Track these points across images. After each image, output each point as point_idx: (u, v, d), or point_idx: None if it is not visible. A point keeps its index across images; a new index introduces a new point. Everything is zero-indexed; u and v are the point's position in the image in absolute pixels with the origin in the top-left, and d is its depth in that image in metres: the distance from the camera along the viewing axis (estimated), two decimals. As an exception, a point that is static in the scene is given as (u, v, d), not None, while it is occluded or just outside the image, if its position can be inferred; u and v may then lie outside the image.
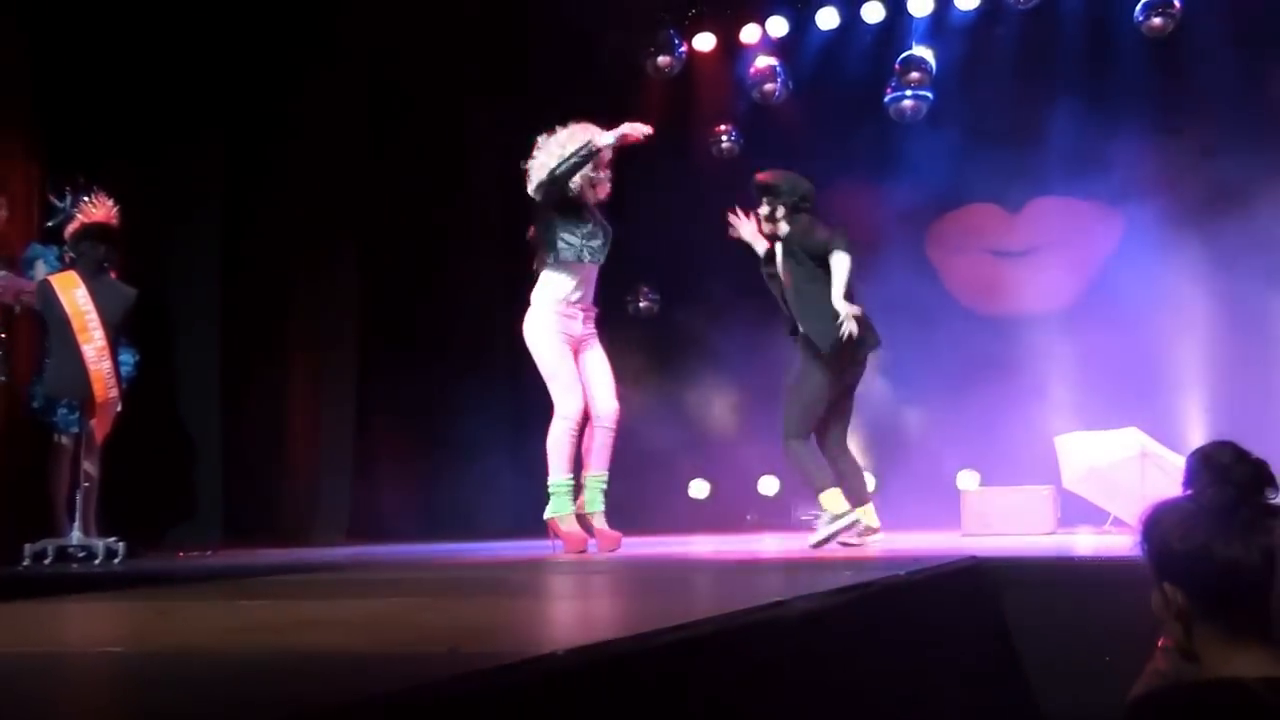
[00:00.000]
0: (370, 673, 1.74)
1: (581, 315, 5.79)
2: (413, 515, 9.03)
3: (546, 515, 5.71)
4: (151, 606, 3.34)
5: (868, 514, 5.73)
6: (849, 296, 5.55)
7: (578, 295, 5.74)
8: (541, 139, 5.81)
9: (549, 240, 5.68)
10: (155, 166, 7.93)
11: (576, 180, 5.69)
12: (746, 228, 6.01)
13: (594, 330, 5.88)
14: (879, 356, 6.32)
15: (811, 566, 4.66)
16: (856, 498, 5.70)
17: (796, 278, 5.78)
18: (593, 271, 5.81)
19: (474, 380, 9.67)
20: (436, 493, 9.29)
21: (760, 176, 5.98)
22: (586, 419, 5.73)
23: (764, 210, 5.91)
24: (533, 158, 5.80)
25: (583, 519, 5.73)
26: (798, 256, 5.75)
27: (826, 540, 5.53)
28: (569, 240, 5.66)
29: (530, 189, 5.77)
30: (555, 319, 5.70)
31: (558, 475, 5.67)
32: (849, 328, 5.51)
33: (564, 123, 5.87)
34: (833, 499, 5.60)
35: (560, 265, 5.70)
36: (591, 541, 5.68)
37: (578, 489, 5.74)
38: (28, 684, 1.75)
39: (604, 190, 5.86)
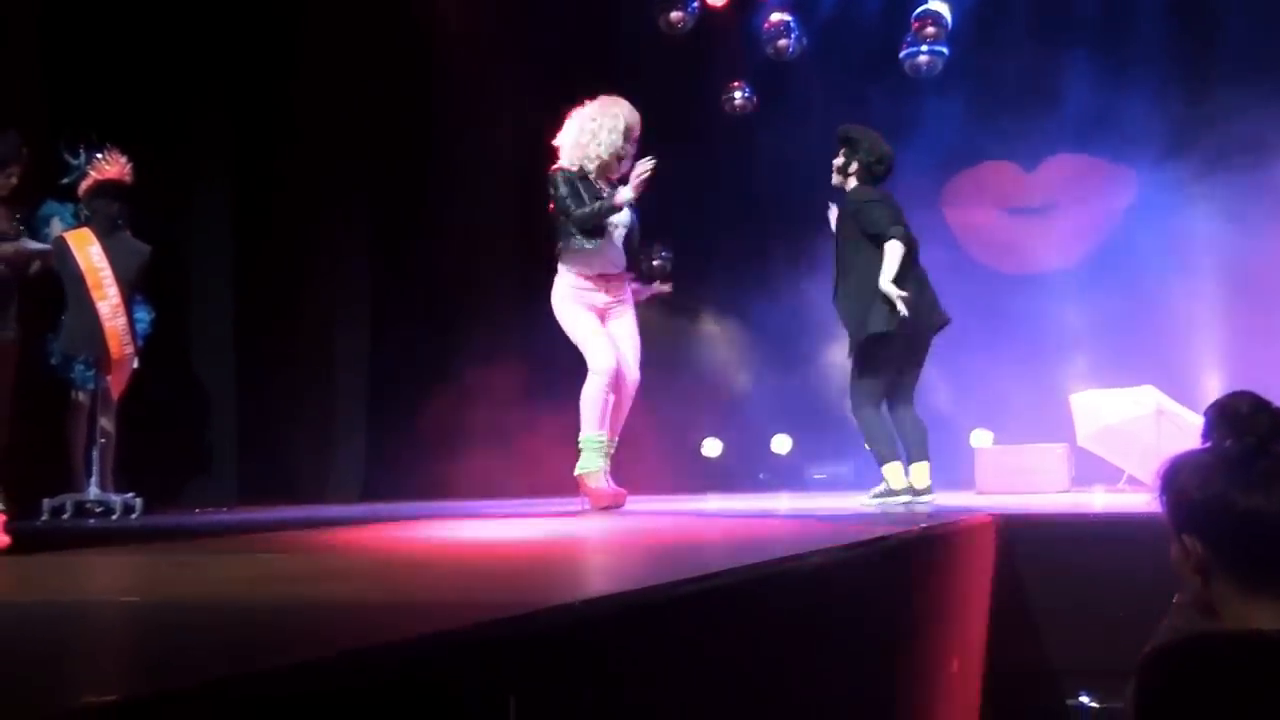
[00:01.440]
0: (387, 621, 1.75)
1: (605, 286, 5.77)
2: (427, 474, 9.06)
3: (577, 471, 5.63)
4: (169, 559, 3.36)
5: (920, 472, 5.69)
6: (897, 281, 5.55)
7: (594, 270, 5.72)
8: (573, 114, 5.79)
9: (560, 226, 5.68)
10: (169, 122, 7.91)
11: (605, 154, 5.68)
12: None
13: (625, 298, 5.84)
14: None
15: (825, 523, 4.67)
16: (913, 454, 5.69)
17: (845, 247, 5.79)
18: (613, 246, 5.77)
19: (489, 340, 9.68)
20: (451, 451, 9.31)
21: (844, 127, 6.00)
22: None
23: (838, 161, 5.94)
24: (561, 133, 5.78)
25: None
26: (852, 222, 5.73)
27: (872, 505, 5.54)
28: (570, 233, 5.65)
29: (560, 161, 5.74)
30: (574, 292, 5.71)
31: (590, 430, 5.58)
32: (902, 310, 5.51)
33: (591, 95, 5.82)
34: (894, 472, 5.62)
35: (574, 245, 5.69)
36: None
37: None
38: (49, 631, 1.77)
39: (624, 166, 5.83)
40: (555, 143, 5.79)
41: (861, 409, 5.74)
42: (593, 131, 5.70)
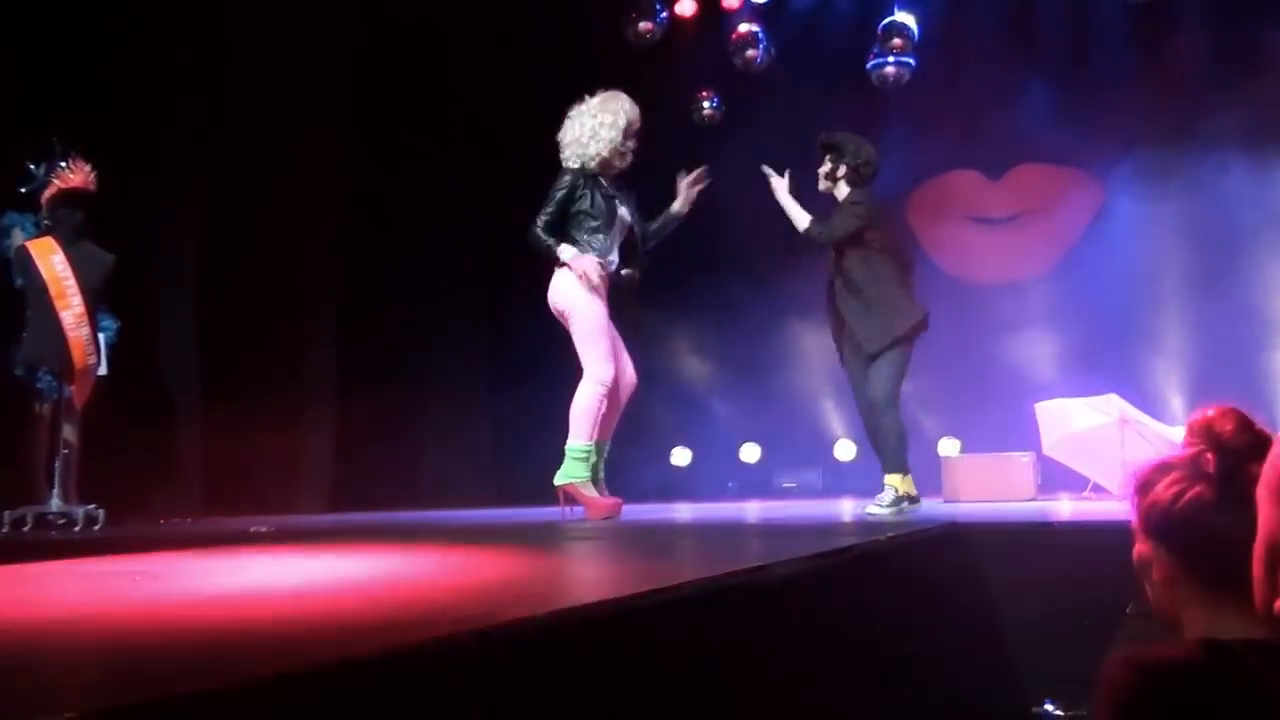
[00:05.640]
0: (350, 635, 1.74)
1: (606, 284, 5.73)
2: (396, 483, 9.02)
3: (560, 480, 5.53)
4: (131, 571, 3.33)
5: (906, 483, 5.70)
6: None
7: (608, 261, 5.67)
8: (573, 110, 5.77)
9: (569, 222, 5.64)
10: (133, 130, 7.85)
11: (605, 151, 5.65)
12: (782, 187, 5.87)
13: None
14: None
15: (791, 532, 4.68)
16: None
17: (846, 259, 5.76)
18: (614, 244, 5.76)
19: (458, 346, 9.65)
20: (420, 460, 9.28)
21: (826, 134, 5.98)
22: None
23: (825, 168, 5.91)
24: (562, 130, 5.75)
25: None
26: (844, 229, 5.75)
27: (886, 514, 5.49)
28: (575, 236, 5.63)
29: (563, 158, 5.72)
30: (590, 287, 5.58)
31: (580, 440, 5.51)
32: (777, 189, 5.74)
33: (591, 93, 5.81)
34: (902, 481, 5.59)
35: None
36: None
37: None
38: (4, 647, 1.75)
39: (625, 162, 5.82)
40: (557, 138, 5.76)
41: (890, 411, 5.67)
42: (593, 129, 5.67)
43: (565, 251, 5.55)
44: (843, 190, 5.88)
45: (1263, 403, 8.13)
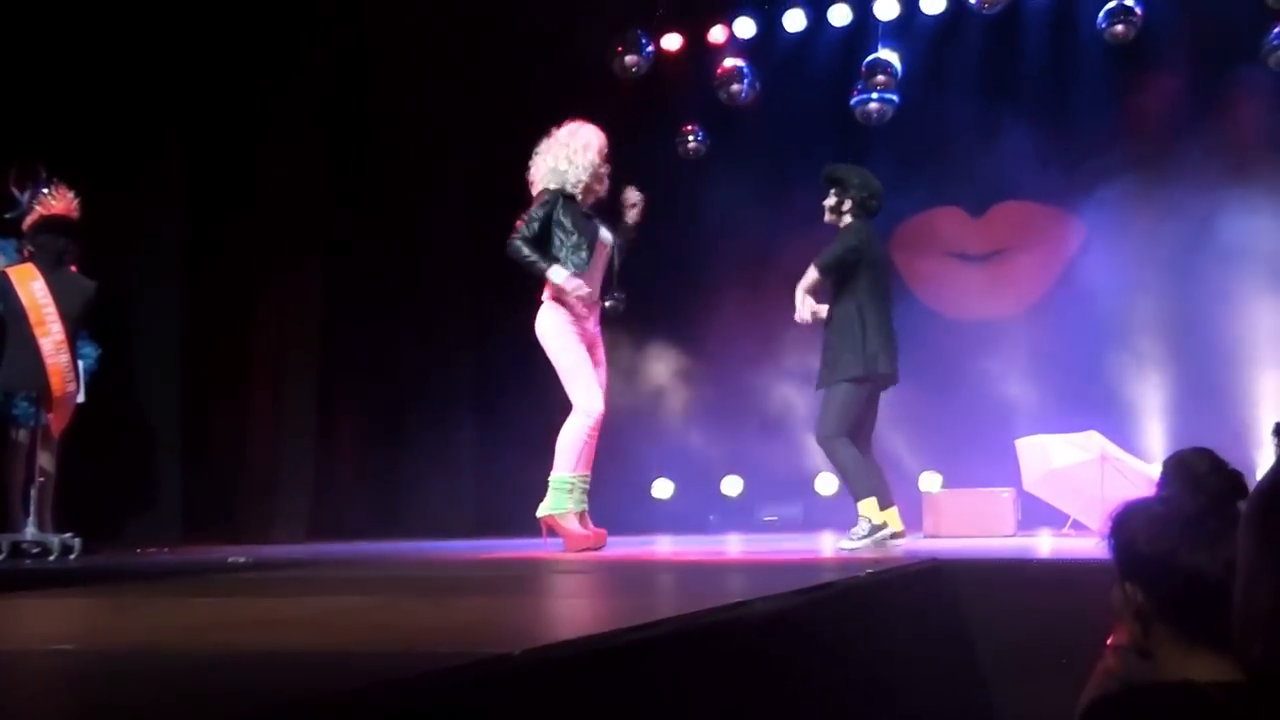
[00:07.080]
0: (325, 672, 1.73)
1: (589, 314, 5.75)
2: (375, 513, 8.98)
3: (542, 512, 5.54)
4: (107, 603, 3.30)
5: (891, 518, 5.67)
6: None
7: (584, 294, 5.69)
8: (541, 146, 5.79)
9: (547, 249, 5.65)
10: (117, 158, 7.84)
11: (585, 176, 5.68)
12: (802, 311, 5.86)
13: (598, 329, 5.83)
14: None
15: (772, 568, 4.67)
16: (883, 498, 5.66)
17: (836, 289, 5.80)
18: (597, 272, 5.79)
19: (439, 377, 9.63)
20: (399, 490, 9.24)
21: (831, 167, 6.00)
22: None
23: (830, 201, 5.92)
24: (531, 166, 5.78)
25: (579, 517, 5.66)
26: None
27: (859, 547, 5.47)
28: (557, 254, 5.64)
29: (535, 194, 5.75)
30: (569, 317, 5.64)
31: (564, 471, 5.52)
32: (802, 316, 5.76)
33: (556, 124, 5.85)
34: (871, 507, 5.55)
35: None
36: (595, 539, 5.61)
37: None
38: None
39: (603, 186, 5.86)
40: (530, 176, 5.78)
41: (833, 440, 5.64)
42: (568, 158, 5.70)
43: (556, 273, 5.57)
44: (846, 223, 5.90)
45: (1242, 439, 8.15)
